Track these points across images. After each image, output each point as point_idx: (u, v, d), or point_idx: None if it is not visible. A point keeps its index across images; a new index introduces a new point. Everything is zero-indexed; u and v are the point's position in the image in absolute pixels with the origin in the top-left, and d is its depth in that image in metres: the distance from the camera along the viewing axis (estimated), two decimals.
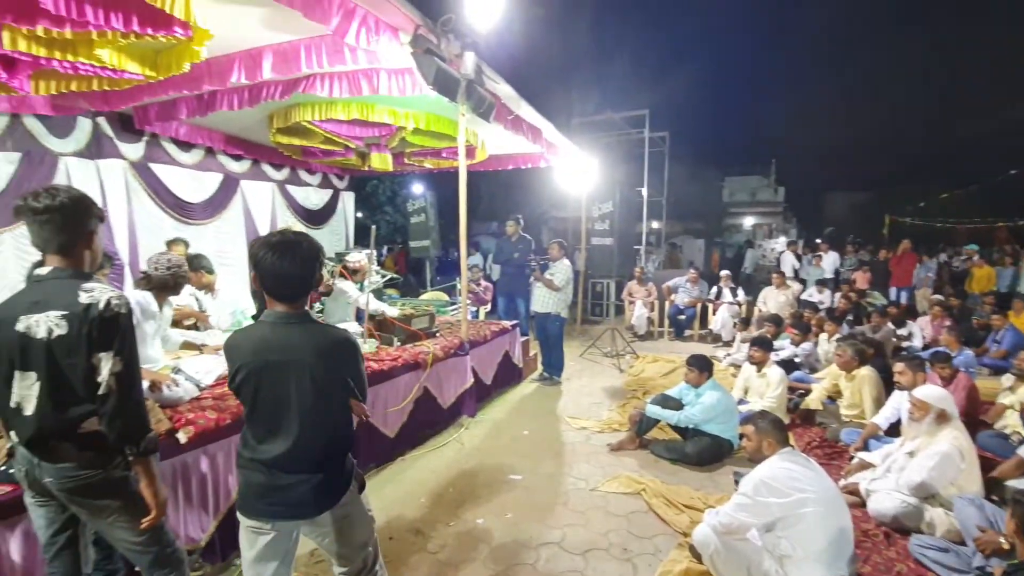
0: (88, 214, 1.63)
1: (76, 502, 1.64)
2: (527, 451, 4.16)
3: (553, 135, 6.37)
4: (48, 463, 1.58)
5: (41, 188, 1.57)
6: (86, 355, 1.52)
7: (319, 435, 1.65)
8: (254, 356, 1.59)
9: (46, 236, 1.57)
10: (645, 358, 7.41)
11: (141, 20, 2.83)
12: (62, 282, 1.56)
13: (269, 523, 1.66)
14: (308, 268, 1.64)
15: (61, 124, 5.20)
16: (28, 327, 1.51)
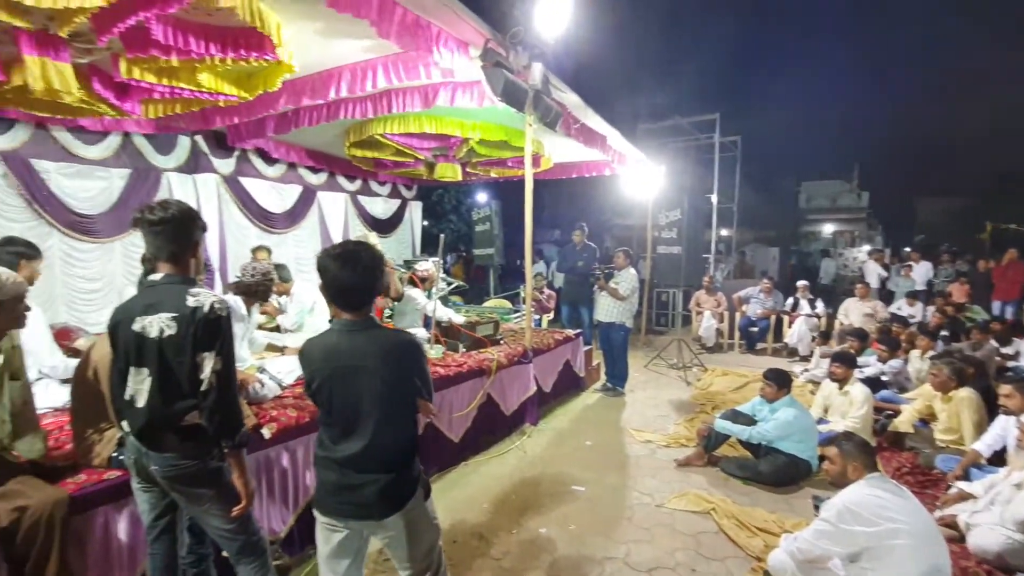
0: (194, 226, 1.80)
1: (176, 489, 1.79)
2: (590, 462, 4.11)
3: (619, 143, 6.30)
4: (154, 452, 1.74)
5: (155, 202, 1.76)
6: (191, 354, 1.67)
7: (389, 436, 1.70)
8: (326, 363, 1.67)
9: (159, 245, 1.74)
10: (714, 371, 7.13)
11: (236, 46, 3.08)
12: (172, 287, 1.73)
13: (341, 521, 1.73)
14: (369, 278, 1.70)
15: (164, 142, 5.74)
16: (143, 327, 1.68)
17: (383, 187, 9.06)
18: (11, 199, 4.77)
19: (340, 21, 3.20)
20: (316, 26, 3.40)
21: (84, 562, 1.99)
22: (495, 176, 8.09)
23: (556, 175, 7.91)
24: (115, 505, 2.09)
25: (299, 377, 3.29)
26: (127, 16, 2.60)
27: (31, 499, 1.78)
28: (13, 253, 2.81)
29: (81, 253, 5.21)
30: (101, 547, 2.06)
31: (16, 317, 1.86)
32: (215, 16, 2.91)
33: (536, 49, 3.94)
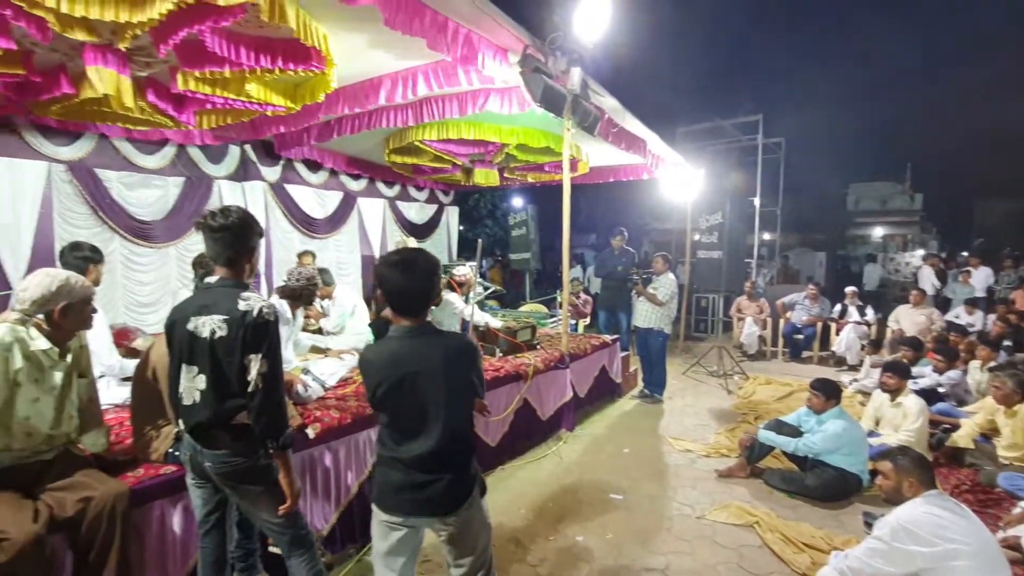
0: (252, 233, 1.89)
1: (229, 485, 1.86)
2: (628, 470, 4.05)
3: (658, 146, 6.22)
4: (208, 450, 1.82)
5: (218, 209, 1.84)
6: (240, 355, 1.74)
7: (452, 436, 1.73)
8: (390, 370, 1.70)
9: (217, 250, 1.83)
10: (756, 379, 6.92)
11: (284, 57, 3.20)
12: (226, 290, 1.81)
13: (403, 518, 1.76)
14: (428, 282, 1.75)
15: (216, 152, 6.00)
16: (196, 327, 1.76)
17: (421, 192, 9.21)
18: (77, 206, 5.07)
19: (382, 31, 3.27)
20: (361, 37, 3.48)
21: (142, 553, 2.08)
22: (532, 181, 8.11)
23: (593, 179, 7.87)
24: (171, 499, 2.19)
25: (341, 379, 3.38)
26: (183, 28, 2.73)
27: (95, 491, 1.89)
28: (81, 258, 2.98)
29: (139, 257, 5.49)
30: (157, 539, 2.15)
31: (84, 319, 1.98)
32: (266, 28, 3.03)
33: (575, 54, 3.94)
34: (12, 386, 1.80)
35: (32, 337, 1.86)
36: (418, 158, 6.54)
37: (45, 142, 4.82)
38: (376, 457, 1.83)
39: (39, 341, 1.87)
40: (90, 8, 2.46)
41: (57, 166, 4.91)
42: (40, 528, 1.72)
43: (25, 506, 1.77)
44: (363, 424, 2.96)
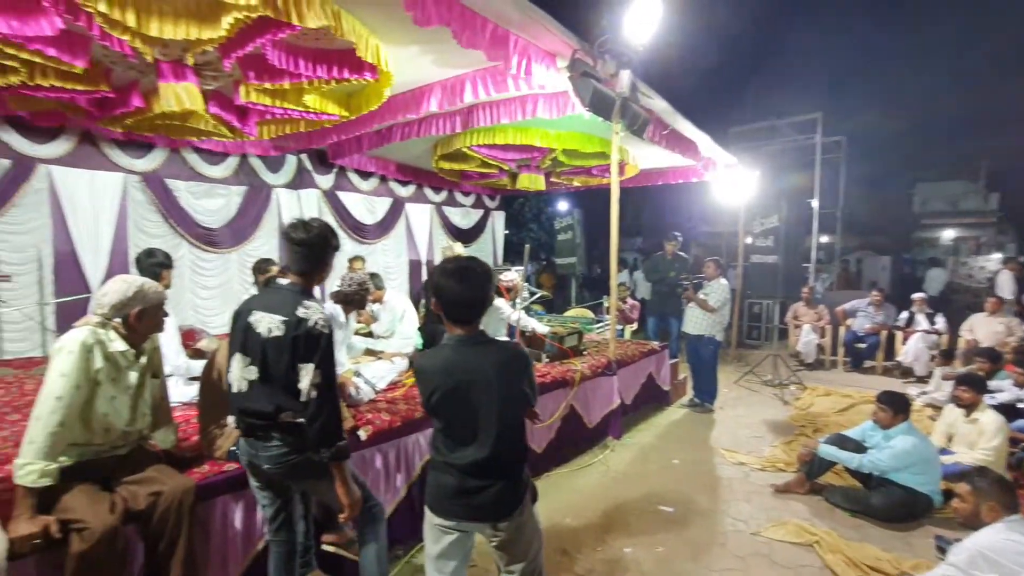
0: (328, 249, 1.97)
1: (291, 481, 1.95)
2: (678, 482, 3.94)
3: (710, 148, 6.05)
4: (261, 444, 1.90)
5: (302, 221, 1.93)
6: (289, 357, 1.82)
7: (506, 444, 1.75)
8: (445, 378, 1.73)
9: (294, 259, 1.94)
10: (815, 390, 6.60)
11: (340, 67, 3.30)
12: (291, 295, 1.90)
13: (455, 523, 1.78)
14: (483, 291, 1.77)
15: (275, 161, 6.27)
16: (255, 321, 1.87)
17: (467, 198, 9.31)
18: (150, 214, 5.42)
19: (432, 40, 3.33)
20: (412, 47, 3.55)
21: (206, 546, 2.19)
22: (578, 185, 8.06)
23: (642, 182, 7.74)
24: (233, 495, 2.28)
25: (391, 382, 3.44)
26: (247, 42, 2.87)
27: (165, 485, 1.99)
28: (155, 264, 3.18)
29: (205, 262, 5.80)
30: (220, 533, 2.26)
31: (157, 322, 2.10)
32: (322, 40, 3.14)
33: (624, 56, 3.88)
34: (93, 385, 1.92)
35: (111, 339, 1.99)
36: (465, 164, 6.62)
37: (122, 155, 5.17)
38: (430, 461, 1.86)
39: (117, 343, 2.00)
40: (164, 27, 2.62)
41: (132, 177, 5.26)
42: (116, 519, 1.83)
43: (103, 498, 1.89)
44: (412, 427, 3.01)
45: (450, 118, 4.83)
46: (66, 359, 1.86)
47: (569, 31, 3.47)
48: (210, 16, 2.66)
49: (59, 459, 1.84)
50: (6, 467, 2.11)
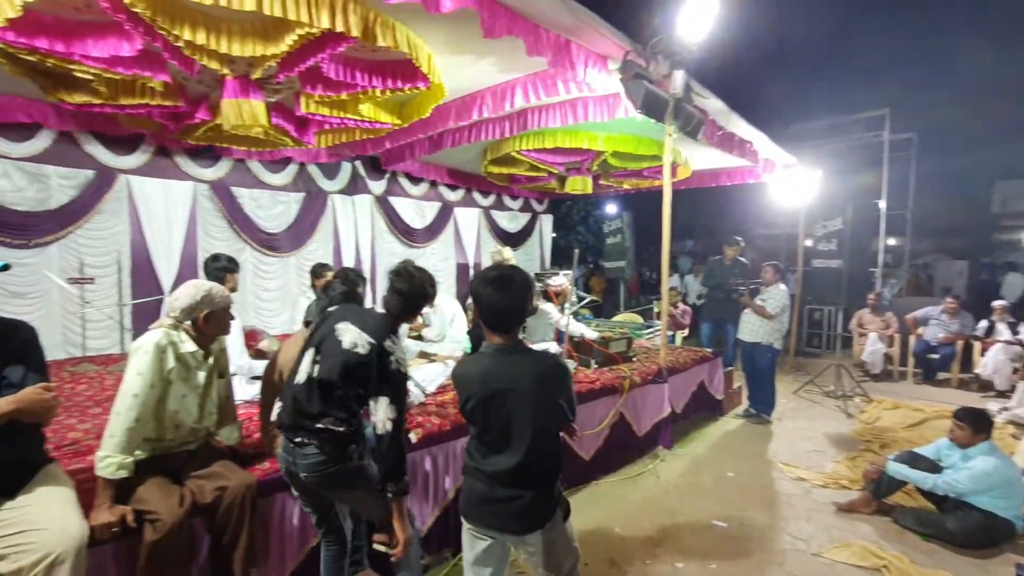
0: (422, 302, 2.06)
1: (322, 488, 2.00)
2: (732, 495, 3.79)
3: (767, 147, 5.82)
4: (298, 450, 1.94)
5: (404, 269, 2.03)
6: (362, 378, 1.90)
7: (537, 455, 1.73)
8: (481, 385, 1.74)
9: (392, 302, 2.02)
10: (882, 403, 6.20)
11: (395, 77, 3.39)
12: (384, 325, 1.98)
13: (485, 531, 1.79)
14: (522, 301, 1.75)
15: (331, 168, 6.51)
16: (341, 329, 1.94)
17: (515, 201, 9.35)
18: (216, 220, 5.73)
19: (483, 46, 3.36)
20: (463, 55, 3.60)
21: (267, 540, 2.28)
22: (628, 187, 7.93)
23: (695, 184, 7.53)
24: (290, 492, 2.36)
25: (440, 385, 3.49)
26: (308, 57, 2.99)
27: (230, 480, 2.09)
28: (219, 268, 3.35)
29: (266, 266, 6.09)
30: (278, 527, 2.34)
31: (224, 325, 2.21)
32: (378, 52, 3.22)
33: (677, 56, 3.79)
34: (165, 383, 2.04)
35: (182, 340, 2.11)
36: (514, 168, 6.65)
37: (192, 164, 5.51)
38: (464, 467, 1.87)
39: (187, 344, 2.12)
40: (232, 45, 2.76)
41: (201, 185, 5.59)
42: (185, 512, 1.93)
43: (174, 491, 2.00)
44: (462, 431, 3.03)
45: (500, 123, 4.86)
46: (142, 359, 1.98)
47: (621, 33, 3.42)
48: (274, 33, 2.79)
49: (135, 453, 1.96)
50: (89, 458, 2.27)
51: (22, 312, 4.43)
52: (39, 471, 1.81)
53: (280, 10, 2.49)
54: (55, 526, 1.64)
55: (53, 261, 4.81)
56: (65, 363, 4.48)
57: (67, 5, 2.66)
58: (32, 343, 1.84)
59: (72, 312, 4.87)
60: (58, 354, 4.73)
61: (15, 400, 1.64)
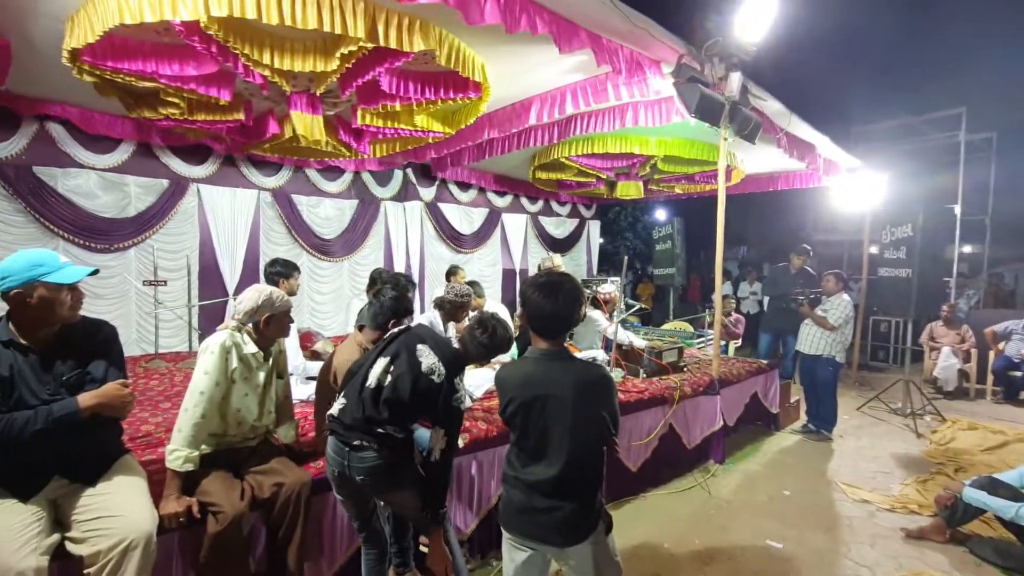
0: (497, 354, 2.10)
1: (374, 490, 2.05)
2: (789, 515, 3.61)
3: (829, 150, 5.56)
4: (355, 453, 1.99)
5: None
6: (428, 404, 1.97)
7: (576, 466, 1.70)
8: (522, 390, 1.73)
9: (472, 350, 2.06)
10: (956, 423, 5.77)
11: (447, 88, 3.46)
12: (458, 361, 2.06)
13: (524, 540, 1.77)
14: (569, 308, 1.73)
15: (383, 176, 6.70)
16: (421, 351, 2.01)
17: (563, 207, 9.32)
18: (276, 226, 6.01)
19: (534, 53, 3.38)
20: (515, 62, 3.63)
21: (319, 535, 2.36)
22: (679, 192, 7.76)
23: (749, 188, 7.28)
24: None
25: (488, 391, 3.51)
26: (366, 72, 3.10)
27: (287, 477, 2.17)
28: (275, 273, 3.50)
29: (321, 270, 6.32)
30: (329, 524, 2.42)
31: (284, 328, 2.31)
32: (431, 64, 3.30)
33: (734, 58, 3.69)
34: (229, 382, 2.15)
35: (245, 342, 2.22)
36: (562, 173, 6.63)
37: (256, 173, 5.80)
38: (503, 475, 1.86)
39: (249, 346, 2.22)
40: (294, 61, 2.90)
41: (264, 193, 5.88)
42: (245, 505, 2.03)
43: (235, 485, 2.10)
44: (507, 438, 3.02)
45: (548, 129, 4.87)
46: (209, 359, 2.10)
47: (675, 36, 3.36)
48: (332, 50, 2.91)
49: (201, 447, 2.08)
50: (159, 450, 2.42)
51: (102, 312, 4.78)
52: (116, 461, 1.95)
53: (340, 27, 2.60)
54: (130, 514, 1.76)
55: (131, 264, 5.18)
56: (139, 359, 4.80)
57: (149, 29, 2.87)
58: (113, 341, 1.99)
59: (147, 312, 5.22)
60: (133, 351, 5.08)
61: (98, 395, 1.77)
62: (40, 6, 2.90)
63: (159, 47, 3.05)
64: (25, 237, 4.60)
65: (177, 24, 2.70)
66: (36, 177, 4.64)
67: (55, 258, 1.80)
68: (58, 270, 1.76)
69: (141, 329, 5.26)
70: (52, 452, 1.74)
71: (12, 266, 1.72)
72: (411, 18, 2.80)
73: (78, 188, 4.87)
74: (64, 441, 1.73)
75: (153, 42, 3.05)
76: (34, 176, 4.63)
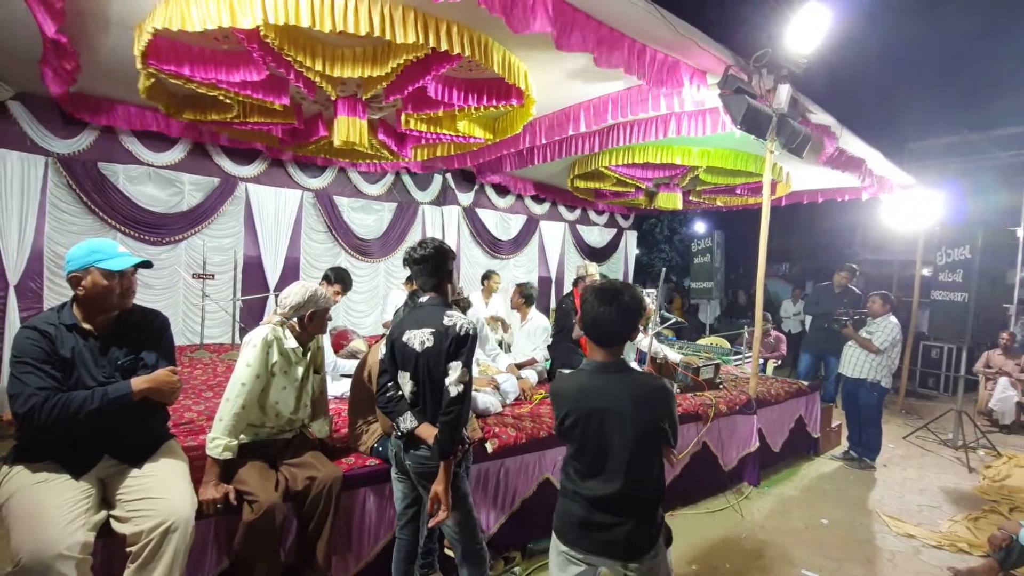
0: (447, 260, 2.11)
1: (422, 484, 2.05)
2: (826, 545, 3.46)
3: (881, 166, 5.35)
4: (410, 449, 2.02)
5: (417, 243, 2.11)
6: (444, 363, 1.95)
7: (638, 481, 1.67)
8: (578, 403, 1.71)
9: (424, 278, 2.10)
10: (1013, 458, 5.41)
11: (490, 95, 3.49)
12: (434, 308, 2.05)
13: (583, 555, 1.73)
14: (626, 318, 1.69)
15: (423, 180, 6.81)
16: (408, 339, 2.01)
17: (600, 216, 9.26)
18: (317, 226, 6.19)
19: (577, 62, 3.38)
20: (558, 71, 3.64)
21: (348, 530, 2.39)
22: (720, 204, 7.61)
23: (794, 199, 7.07)
24: (372, 488, 2.47)
25: (517, 397, 3.50)
26: (413, 81, 3.17)
27: (320, 471, 2.22)
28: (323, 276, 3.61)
29: (358, 270, 6.46)
30: (359, 519, 2.45)
31: (324, 324, 2.38)
32: (475, 71, 3.34)
33: (783, 70, 3.60)
34: (269, 375, 2.22)
35: (286, 337, 2.28)
36: (601, 183, 6.59)
37: (301, 174, 5.99)
38: (560, 487, 1.82)
39: (290, 341, 2.29)
40: (345, 68, 2.99)
41: (307, 193, 6.06)
42: (279, 496, 2.08)
43: (270, 476, 2.16)
44: (535, 446, 3.02)
45: (589, 137, 4.86)
46: (251, 352, 2.16)
47: (722, 46, 3.30)
48: (382, 58, 2.99)
49: (239, 437, 2.14)
50: (201, 438, 2.51)
51: (152, 302, 5.01)
52: (163, 445, 2.03)
53: (390, 33, 2.66)
54: (173, 497, 1.82)
55: (181, 258, 5.41)
56: (184, 349, 5.00)
57: (209, 36, 3.01)
58: (165, 330, 2.08)
59: (193, 304, 5.43)
60: (179, 340, 5.28)
61: (150, 380, 1.85)
62: (111, 15, 3.08)
63: (217, 54, 3.19)
64: (86, 229, 4.87)
65: (238, 32, 2.81)
66: (100, 173, 4.92)
67: (113, 247, 1.89)
68: (112, 258, 1.85)
69: (187, 320, 5.48)
70: (103, 432, 1.82)
71: (75, 252, 1.85)
72: (460, 25, 2.85)
73: (137, 183, 5.13)
74: (115, 422, 1.81)
75: (212, 49, 3.19)
76: (98, 172, 4.90)
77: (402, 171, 6.52)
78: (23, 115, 4.52)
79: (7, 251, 4.48)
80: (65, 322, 1.83)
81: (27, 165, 4.56)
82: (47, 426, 1.68)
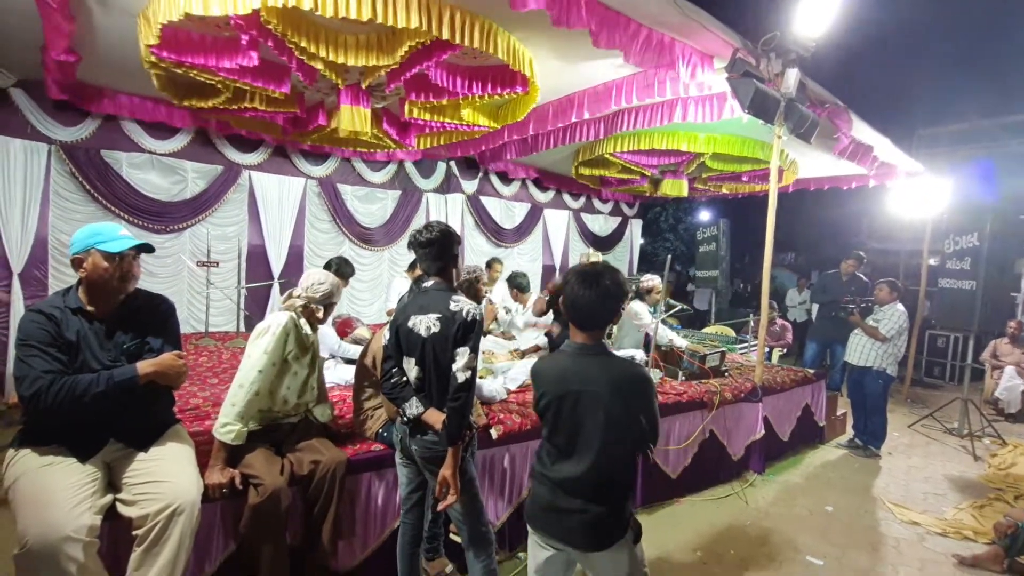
0: (453, 243, 2.10)
1: (429, 469, 2.05)
2: (830, 532, 3.46)
3: (889, 152, 5.28)
4: (416, 433, 2.02)
5: (423, 226, 2.09)
6: (451, 349, 1.93)
7: (605, 467, 1.64)
8: (555, 385, 1.69)
9: (428, 262, 2.08)
10: (1018, 447, 5.39)
11: (494, 83, 3.45)
12: (440, 294, 2.03)
13: (547, 539, 1.72)
14: (606, 302, 1.67)
15: (427, 167, 6.78)
16: (414, 325, 2.00)
17: (605, 205, 9.21)
18: (321, 214, 6.17)
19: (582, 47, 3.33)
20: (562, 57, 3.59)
21: (352, 515, 2.40)
22: (725, 192, 7.54)
23: (800, 185, 7.00)
24: (377, 473, 2.48)
25: (521, 385, 3.50)
26: (414, 66, 3.13)
27: (324, 455, 2.23)
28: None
29: (362, 258, 6.45)
30: (364, 504, 2.46)
31: (331, 314, 2.39)
32: (479, 58, 3.30)
33: (792, 54, 3.54)
34: (284, 363, 2.23)
35: (303, 324, 2.30)
36: (605, 170, 6.54)
37: (305, 162, 5.96)
38: (532, 470, 1.82)
39: (307, 328, 2.32)
40: (347, 56, 2.96)
41: (311, 181, 6.04)
42: (285, 480, 2.08)
43: (276, 460, 2.17)
44: (540, 432, 3.01)
45: (594, 124, 4.81)
46: (270, 339, 2.17)
47: (730, 29, 3.24)
48: (386, 45, 2.96)
49: (249, 424, 2.14)
50: (207, 423, 2.51)
51: (156, 289, 4.98)
52: (168, 429, 2.03)
53: (392, 19, 2.62)
54: (179, 481, 1.83)
55: (185, 246, 5.41)
56: (190, 337, 5.01)
57: (210, 23, 2.97)
58: (171, 315, 2.08)
59: (198, 292, 5.45)
60: (184, 328, 5.29)
61: (155, 363, 1.85)
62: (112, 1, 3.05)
63: (218, 41, 3.16)
64: (90, 217, 4.87)
65: (235, 18, 2.77)
66: (103, 160, 4.90)
67: (115, 230, 1.89)
68: (112, 240, 1.85)
69: (192, 308, 5.49)
70: (110, 416, 1.83)
71: (78, 235, 1.85)
72: (463, 11, 2.80)
73: (140, 171, 5.12)
74: (121, 406, 1.81)
75: (213, 36, 3.16)
76: (101, 159, 4.89)
77: (406, 159, 6.48)
78: (25, 102, 4.50)
79: (11, 239, 4.49)
80: (71, 305, 1.83)
81: (30, 153, 4.56)
82: (53, 409, 1.69)
